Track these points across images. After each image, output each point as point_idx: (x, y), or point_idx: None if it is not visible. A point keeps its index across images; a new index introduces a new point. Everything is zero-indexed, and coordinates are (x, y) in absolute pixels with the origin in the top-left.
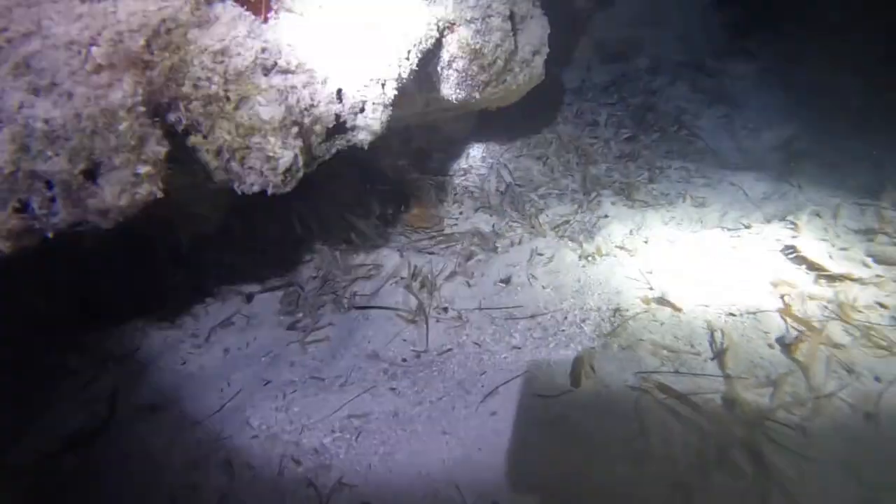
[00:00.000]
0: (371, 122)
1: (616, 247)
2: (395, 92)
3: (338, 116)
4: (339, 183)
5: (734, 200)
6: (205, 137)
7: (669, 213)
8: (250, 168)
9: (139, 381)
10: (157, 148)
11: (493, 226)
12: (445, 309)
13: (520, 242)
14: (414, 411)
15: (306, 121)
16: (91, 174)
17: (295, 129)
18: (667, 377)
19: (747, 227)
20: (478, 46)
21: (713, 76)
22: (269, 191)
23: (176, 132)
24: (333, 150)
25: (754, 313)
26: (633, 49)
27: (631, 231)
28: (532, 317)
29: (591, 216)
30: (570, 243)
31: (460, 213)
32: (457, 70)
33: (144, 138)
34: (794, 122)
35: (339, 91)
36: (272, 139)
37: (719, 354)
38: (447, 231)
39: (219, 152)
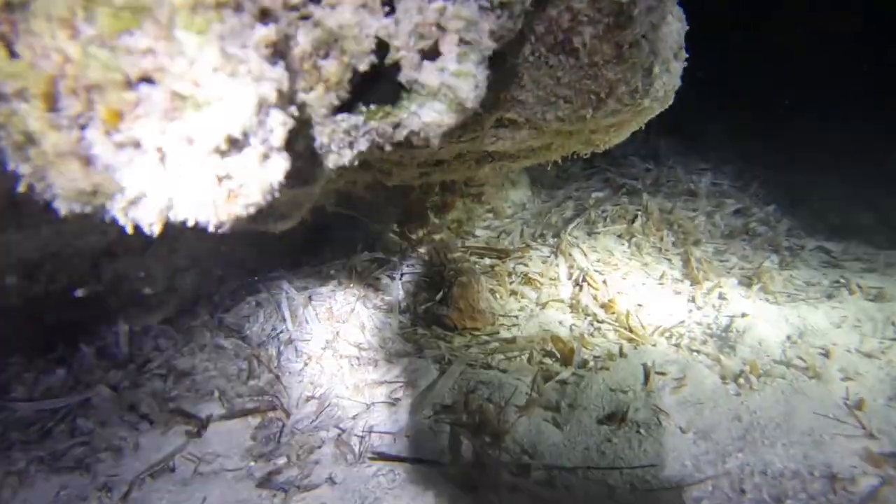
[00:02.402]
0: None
1: (779, 363)
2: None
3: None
4: (351, 256)
5: None
6: None
7: (837, 311)
8: None
9: None
10: None
11: (572, 328)
12: (526, 468)
13: (620, 354)
14: None
15: None
16: None
17: None
18: None
19: None
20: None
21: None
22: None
23: None
24: None
25: None
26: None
27: (790, 338)
28: (679, 487)
29: (717, 315)
30: (697, 356)
31: (520, 308)
32: (572, 47)
33: None
34: None
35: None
36: None
37: None
38: (505, 335)
39: None
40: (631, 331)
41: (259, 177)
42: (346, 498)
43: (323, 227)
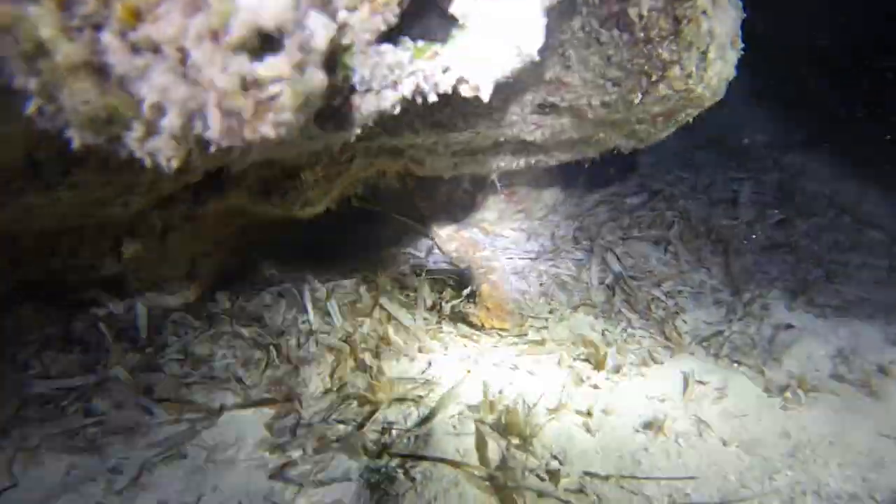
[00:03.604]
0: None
1: (830, 377)
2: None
3: None
4: (375, 251)
5: None
6: None
7: (893, 329)
8: None
9: None
10: None
11: (604, 332)
12: (554, 473)
13: (655, 361)
14: None
15: None
16: None
17: None
18: None
19: None
20: None
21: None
22: None
23: None
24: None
25: None
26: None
27: (841, 353)
28: (725, 503)
29: (760, 327)
30: (738, 367)
31: (550, 311)
32: (628, 20)
33: None
34: None
35: None
36: None
37: None
38: (534, 336)
39: None
40: (667, 338)
41: (293, 87)
42: (362, 493)
43: (349, 220)
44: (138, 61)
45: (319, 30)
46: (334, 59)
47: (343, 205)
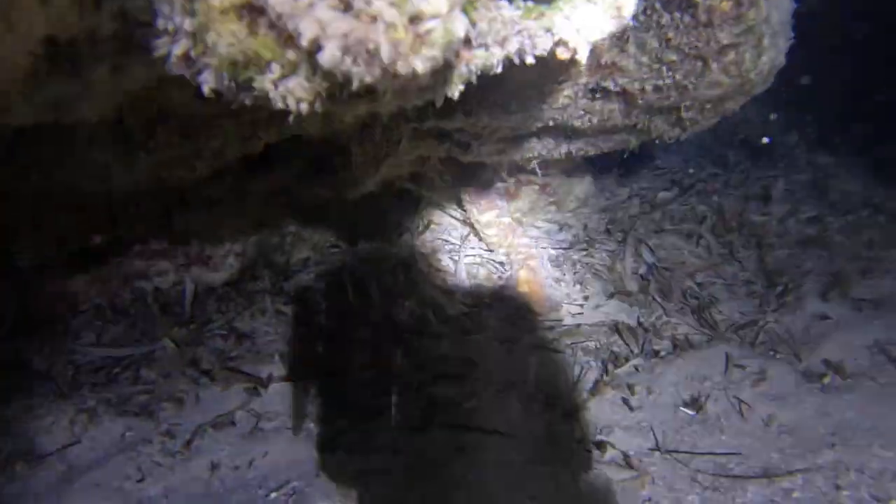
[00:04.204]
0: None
1: (868, 365)
2: None
3: None
4: (412, 238)
5: None
6: None
7: None
8: None
9: None
10: None
11: (639, 319)
12: (600, 444)
13: (692, 346)
14: None
15: None
16: None
17: None
18: None
19: None
20: None
21: None
22: None
23: None
24: None
25: None
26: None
27: (878, 343)
28: (768, 478)
29: (794, 318)
30: (776, 354)
31: (585, 297)
32: (691, 2)
33: None
34: None
35: None
36: None
37: None
38: (570, 321)
39: None
40: (703, 325)
41: (446, 24)
42: (411, 464)
43: (388, 204)
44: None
45: None
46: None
47: (384, 190)
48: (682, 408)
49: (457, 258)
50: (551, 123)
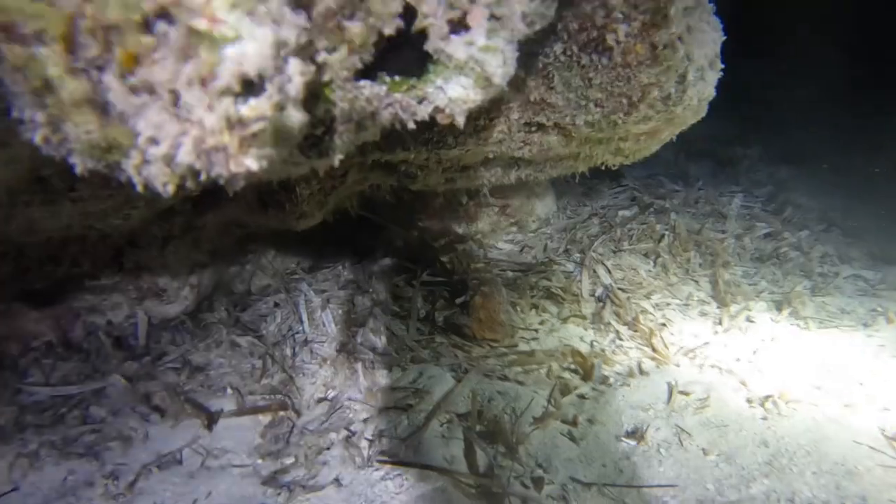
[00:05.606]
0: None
1: (814, 387)
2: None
3: None
4: (370, 265)
5: None
6: None
7: (874, 340)
8: None
9: None
10: None
11: (593, 344)
12: (538, 480)
13: (641, 372)
14: None
15: None
16: None
17: None
18: None
19: None
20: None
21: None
22: None
23: None
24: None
25: None
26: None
27: (824, 364)
28: None
29: (744, 339)
30: (722, 378)
31: (541, 322)
32: (606, 45)
33: None
34: None
35: None
36: None
37: None
38: (524, 347)
39: None
40: (654, 350)
41: (274, 124)
42: (351, 500)
43: (344, 231)
44: (136, 100)
45: (297, 76)
46: (316, 95)
47: (340, 217)
48: (623, 438)
49: (414, 283)
50: (491, 156)
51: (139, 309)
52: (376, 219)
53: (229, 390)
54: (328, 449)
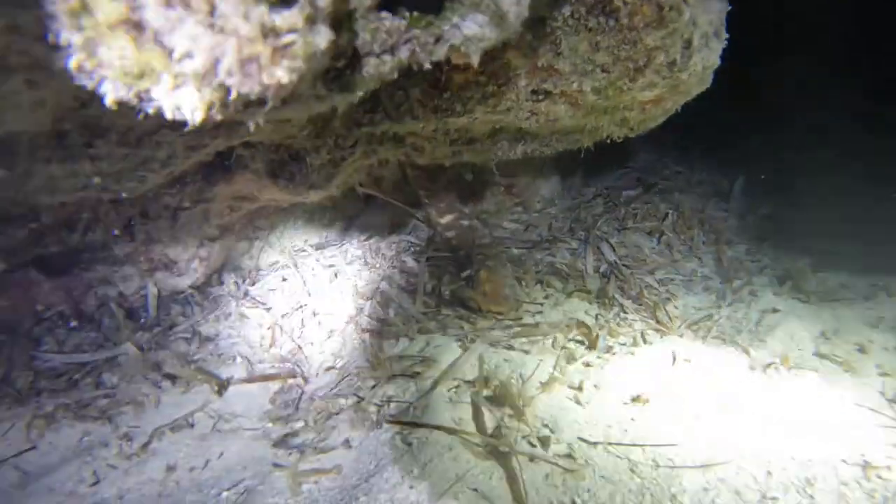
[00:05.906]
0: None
1: (815, 355)
2: None
3: None
4: (377, 241)
5: None
6: None
7: (873, 313)
8: None
9: None
10: None
11: (597, 317)
12: (545, 439)
13: (645, 341)
14: None
15: None
16: None
17: None
18: None
19: None
20: None
21: None
22: None
23: None
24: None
25: None
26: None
27: (824, 334)
28: (704, 466)
29: (747, 311)
30: (726, 347)
31: (546, 296)
32: (613, 6)
33: None
34: None
35: None
36: None
37: None
38: (529, 320)
39: None
40: (658, 322)
41: (305, 37)
42: (360, 459)
43: (352, 208)
44: (172, 14)
45: None
46: (339, 21)
47: (346, 194)
48: (627, 402)
49: (421, 259)
50: (499, 126)
51: (150, 280)
52: (383, 196)
53: (239, 359)
54: (337, 413)
